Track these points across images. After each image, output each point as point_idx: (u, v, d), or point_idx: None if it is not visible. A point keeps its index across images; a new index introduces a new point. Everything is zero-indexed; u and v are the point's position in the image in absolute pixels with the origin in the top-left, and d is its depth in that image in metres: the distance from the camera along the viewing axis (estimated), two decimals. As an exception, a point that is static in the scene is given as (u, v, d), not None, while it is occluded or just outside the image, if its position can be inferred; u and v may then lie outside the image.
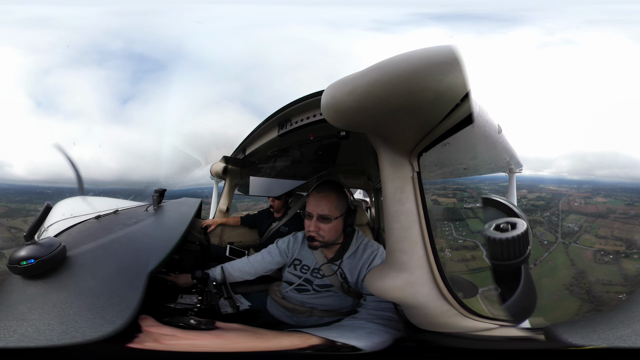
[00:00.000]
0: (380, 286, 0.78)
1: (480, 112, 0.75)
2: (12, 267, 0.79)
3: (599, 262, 1.04)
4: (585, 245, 1.07)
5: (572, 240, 1.08)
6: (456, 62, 0.57)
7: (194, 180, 1.52)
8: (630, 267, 1.03)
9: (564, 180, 1.08)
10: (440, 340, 0.79)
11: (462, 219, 1.02)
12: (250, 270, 1.33)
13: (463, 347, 0.79)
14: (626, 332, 0.74)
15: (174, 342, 0.75)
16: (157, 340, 0.75)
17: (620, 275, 1.02)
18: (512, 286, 0.81)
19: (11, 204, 1.05)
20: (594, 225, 1.09)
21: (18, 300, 0.73)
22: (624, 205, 1.09)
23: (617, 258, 1.04)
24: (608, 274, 1.04)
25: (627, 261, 1.04)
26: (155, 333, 0.76)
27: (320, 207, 1.10)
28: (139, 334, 0.73)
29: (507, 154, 1.07)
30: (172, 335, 0.77)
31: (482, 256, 0.87)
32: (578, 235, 1.08)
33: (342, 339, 0.81)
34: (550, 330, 0.77)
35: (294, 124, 1.32)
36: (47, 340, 0.64)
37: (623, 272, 1.03)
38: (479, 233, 0.95)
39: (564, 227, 1.08)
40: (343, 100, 0.62)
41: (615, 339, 0.73)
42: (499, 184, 1.15)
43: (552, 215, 1.09)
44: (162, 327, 0.78)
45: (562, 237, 1.09)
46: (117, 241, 1.12)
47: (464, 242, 0.95)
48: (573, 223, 1.09)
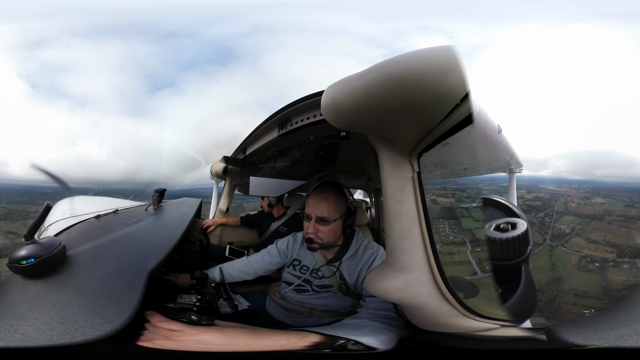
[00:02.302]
0: (381, 287, 0.78)
1: (480, 113, 0.75)
2: (12, 266, 0.79)
3: (582, 269, 1.02)
4: (573, 249, 1.05)
5: (560, 243, 1.06)
6: (456, 62, 0.57)
7: (195, 180, 1.52)
8: (616, 278, 1.00)
9: (564, 180, 1.08)
10: (442, 340, 0.79)
11: (456, 218, 1.02)
12: (250, 270, 1.33)
13: (464, 347, 0.78)
14: (627, 331, 0.74)
15: (184, 338, 0.75)
16: (167, 336, 0.74)
17: (601, 286, 1.00)
18: (512, 286, 0.81)
19: (11, 204, 1.05)
20: (587, 228, 1.08)
21: (18, 300, 0.73)
22: (622, 206, 1.08)
23: (604, 267, 1.02)
24: (587, 283, 1.02)
25: (614, 271, 1.01)
26: (164, 329, 0.76)
27: (319, 209, 1.09)
28: (145, 331, 0.73)
29: (507, 154, 1.07)
30: (180, 331, 0.76)
31: (467, 251, 0.88)
32: (568, 238, 1.07)
33: (347, 335, 0.80)
34: (551, 330, 0.77)
35: (294, 124, 1.32)
36: (48, 340, 0.64)
37: (605, 283, 1.00)
38: (469, 231, 0.96)
39: (556, 228, 1.07)
40: (343, 101, 0.62)
41: (617, 338, 0.72)
42: (498, 184, 1.15)
43: (546, 217, 1.08)
44: (169, 323, 0.78)
45: (550, 239, 1.08)
46: (116, 241, 1.11)
47: (454, 238, 0.95)
48: (566, 225, 1.07)
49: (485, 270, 0.87)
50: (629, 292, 0.98)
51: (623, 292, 0.99)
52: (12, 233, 0.98)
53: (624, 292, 0.98)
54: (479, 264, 0.91)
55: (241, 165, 1.86)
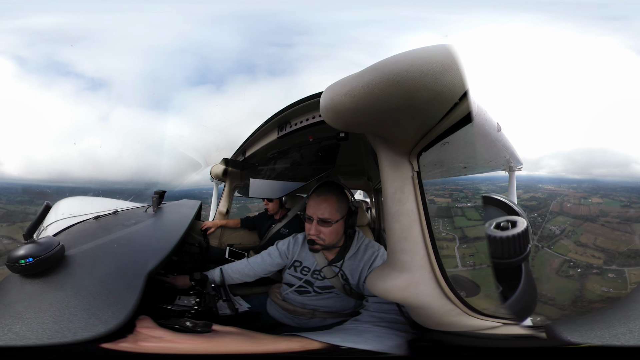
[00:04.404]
0: (382, 287, 0.78)
1: (479, 111, 0.76)
2: (10, 265, 0.78)
3: (561, 274, 1.00)
4: (559, 252, 1.03)
5: (547, 244, 1.05)
6: (454, 61, 0.57)
7: (194, 182, 1.52)
8: (595, 288, 0.97)
9: (563, 179, 1.07)
10: (447, 339, 0.78)
11: (450, 216, 1.02)
12: (250, 272, 1.32)
13: (468, 345, 0.78)
14: (621, 330, 0.73)
15: (154, 345, 0.74)
16: (137, 342, 0.73)
17: (572, 295, 0.97)
18: (513, 284, 0.80)
19: (10, 205, 1.04)
20: (578, 230, 1.06)
21: (15, 299, 0.73)
22: (619, 207, 1.06)
23: (586, 274, 1.00)
24: (559, 290, 0.99)
25: (596, 280, 0.98)
26: (142, 334, 0.74)
27: (320, 210, 1.09)
28: (128, 335, 0.72)
29: (507, 152, 1.07)
30: (157, 338, 0.75)
31: (454, 247, 0.89)
32: (556, 240, 1.05)
33: (348, 343, 0.80)
34: (550, 328, 0.77)
35: (294, 126, 1.32)
36: (38, 339, 0.63)
37: (580, 292, 0.97)
38: (460, 229, 0.97)
39: (546, 229, 1.06)
40: (342, 102, 0.63)
41: (611, 337, 0.72)
42: (496, 184, 1.15)
43: (539, 217, 1.07)
44: (155, 330, 0.77)
45: (538, 240, 1.06)
46: (115, 242, 1.11)
47: (446, 235, 0.95)
48: (557, 226, 1.06)
49: (466, 265, 0.88)
50: (602, 305, 0.96)
51: (595, 305, 0.96)
52: (8, 238, 0.97)
53: (596, 305, 0.95)
54: (462, 258, 0.92)
55: (241, 167, 1.86)
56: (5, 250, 0.88)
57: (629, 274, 0.96)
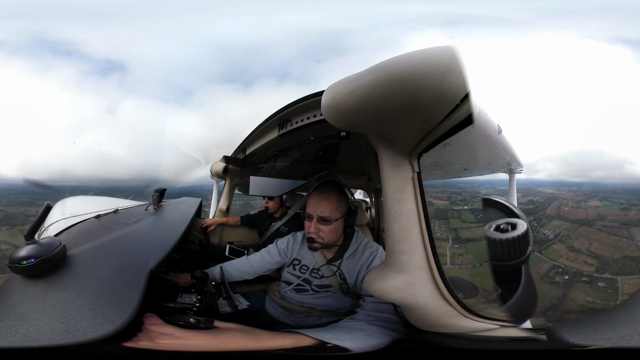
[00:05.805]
0: (380, 287, 0.78)
1: (480, 113, 0.75)
2: (12, 266, 0.79)
3: (546, 280, 1.00)
4: (549, 257, 1.03)
5: (538, 249, 1.04)
6: (456, 62, 0.57)
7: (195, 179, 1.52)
8: (579, 297, 0.96)
9: (563, 182, 1.07)
10: (441, 340, 0.79)
11: (446, 218, 1.03)
12: (250, 270, 1.33)
13: (464, 347, 0.78)
14: (628, 331, 0.73)
15: (169, 342, 0.75)
16: (152, 339, 0.74)
17: (549, 303, 0.96)
18: (512, 287, 0.81)
19: (10, 207, 1.04)
20: (573, 234, 1.05)
21: (19, 300, 0.73)
22: (617, 210, 1.06)
23: (573, 281, 0.99)
24: (540, 297, 0.98)
25: (583, 288, 0.97)
26: (153, 332, 0.76)
27: (320, 208, 1.09)
28: (138, 333, 0.73)
29: (507, 154, 1.07)
30: (169, 335, 0.77)
31: (447, 247, 0.90)
32: (548, 245, 1.05)
33: (336, 340, 0.81)
34: (552, 331, 0.77)
35: (294, 124, 1.31)
36: (50, 339, 0.64)
37: (561, 301, 0.96)
38: (454, 230, 0.97)
39: (540, 233, 1.06)
40: (343, 101, 0.62)
41: (618, 339, 0.72)
42: (495, 188, 1.15)
43: (534, 220, 1.07)
44: (163, 326, 0.78)
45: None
46: (117, 240, 1.11)
47: (441, 235, 0.96)
48: (551, 230, 1.06)
49: (455, 263, 0.88)
50: (577, 316, 0.94)
51: (571, 315, 0.94)
52: (4, 242, 0.97)
53: (573, 316, 0.94)
54: (452, 257, 0.93)
55: (241, 164, 1.86)
56: (3, 257, 0.88)
57: (622, 284, 0.95)
